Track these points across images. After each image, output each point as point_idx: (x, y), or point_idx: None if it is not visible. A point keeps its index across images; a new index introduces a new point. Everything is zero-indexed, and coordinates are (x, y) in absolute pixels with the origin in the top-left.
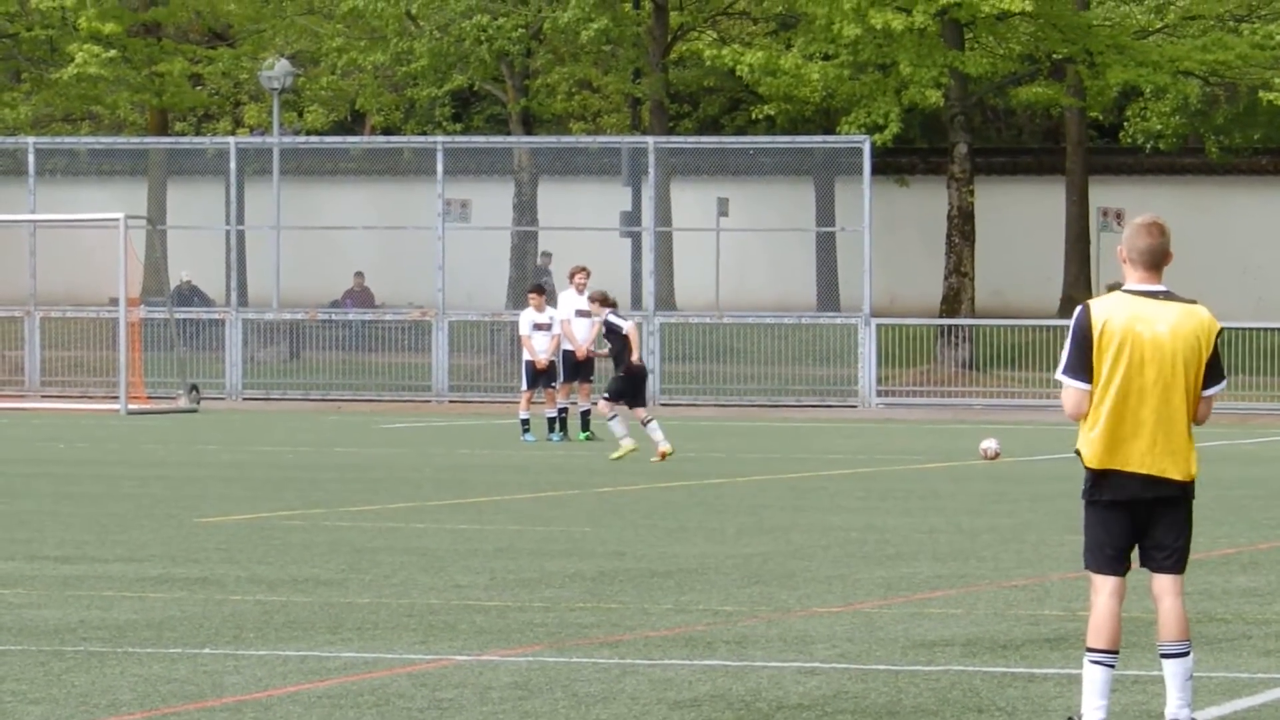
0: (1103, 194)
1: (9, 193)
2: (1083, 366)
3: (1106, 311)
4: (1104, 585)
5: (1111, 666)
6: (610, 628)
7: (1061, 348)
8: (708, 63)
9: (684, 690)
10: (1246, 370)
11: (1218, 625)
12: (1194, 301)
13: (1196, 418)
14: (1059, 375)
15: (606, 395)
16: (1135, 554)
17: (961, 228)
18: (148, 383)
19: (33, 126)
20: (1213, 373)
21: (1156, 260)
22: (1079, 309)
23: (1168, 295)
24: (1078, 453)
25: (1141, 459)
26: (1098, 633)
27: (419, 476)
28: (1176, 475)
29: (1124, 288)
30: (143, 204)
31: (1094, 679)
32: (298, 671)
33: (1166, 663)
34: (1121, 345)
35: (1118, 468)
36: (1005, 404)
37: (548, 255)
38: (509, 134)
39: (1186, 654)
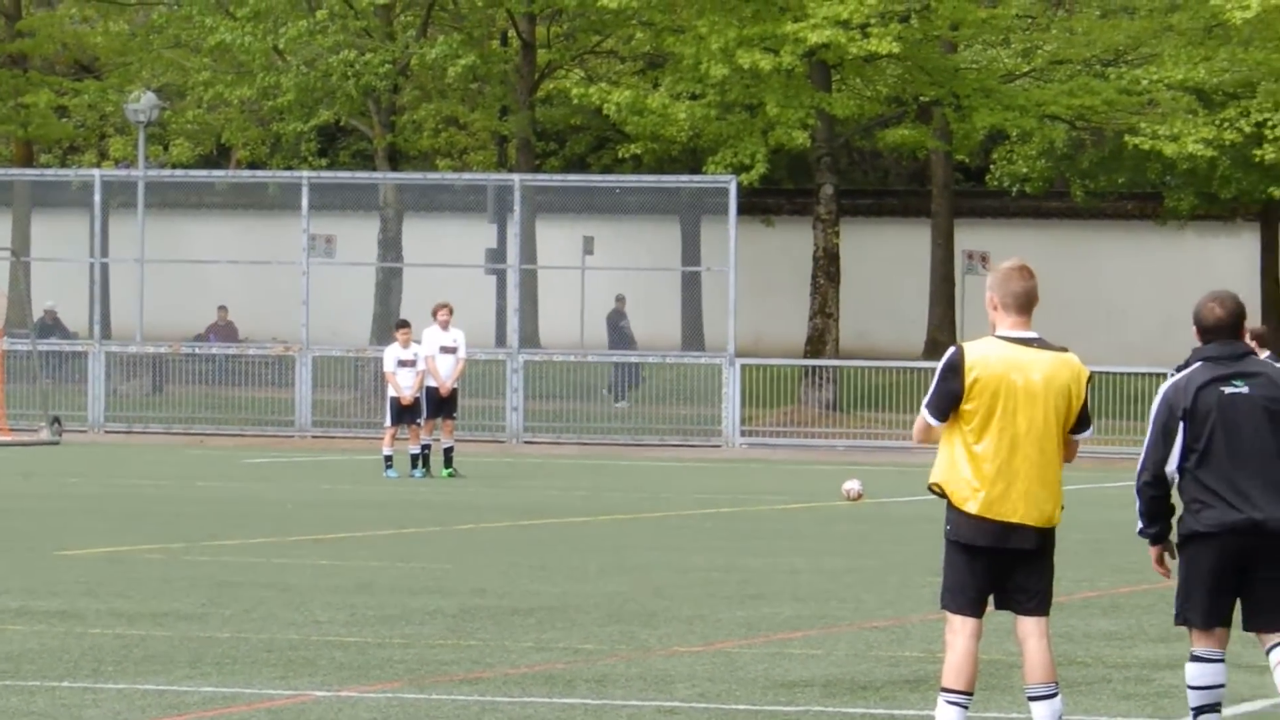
0: (968, 237)
1: None
2: (943, 407)
3: (980, 357)
4: (963, 627)
5: (966, 708)
6: (471, 665)
7: (926, 390)
8: (575, 101)
9: None
10: (1111, 414)
11: (1078, 668)
12: (1064, 349)
13: (1066, 457)
14: (923, 407)
15: None
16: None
17: (827, 269)
18: (9, 415)
19: None
20: (1082, 420)
21: (1029, 304)
22: (952, 350)
23: (1041, 343)
24: (932, 488)
25: (1014, 507)
26: (955, 673)
27: (281, 511)
28: (1045, 523)
29: (997, 334)
30: (7, 235)
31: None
32: (156, 705)
33: (1035, 705)
34: (996, 393)
35: (989, 515)
36: (869, 445)
37: (622, 299)
38: (375, 170)
39: (1054, 695)
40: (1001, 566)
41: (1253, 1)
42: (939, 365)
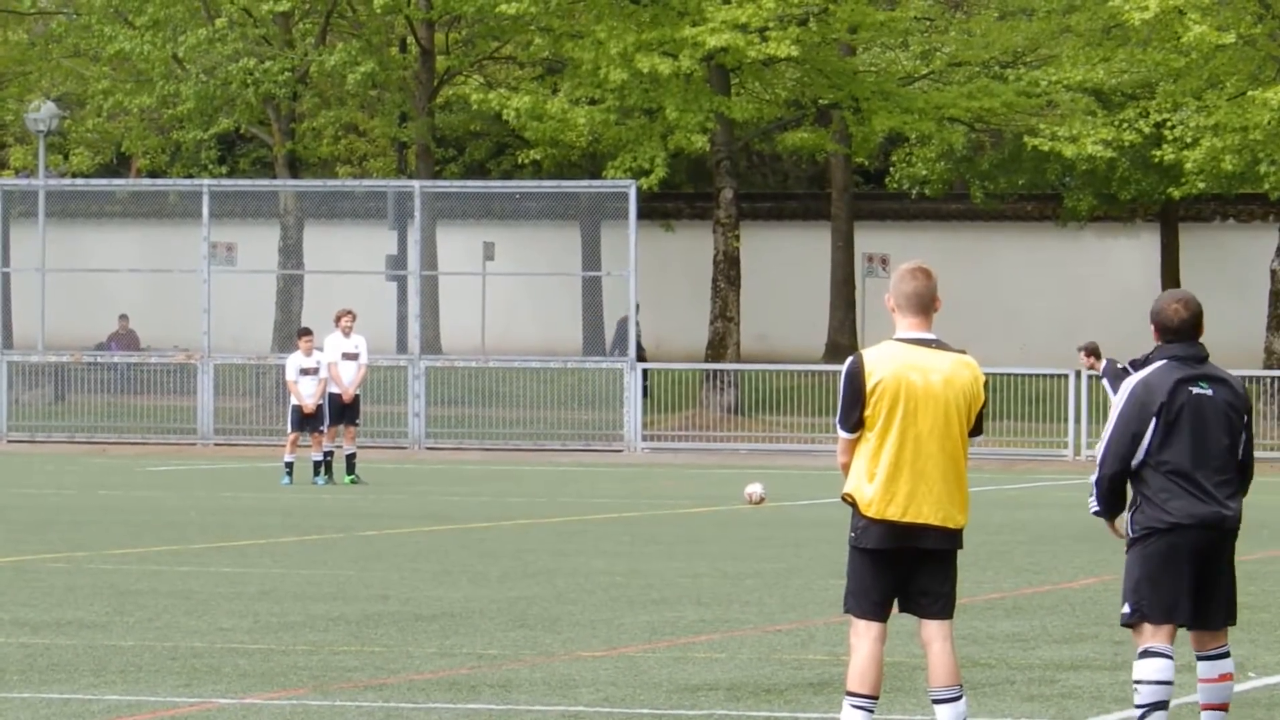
0: (868, 240)
1: None
2: (852, 419)
3: (878, 361)
4: (867, 630)
5: (870, 711)
6: (374, 671)
7: (828, 393)
8: (474, 107)
9: None
10: (1011, 416)
11: (982, 670)
12: (963, 351)
13: None
14: (836, 426)
15: None
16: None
17: (727, 273)
18: None
19: None
20: (977, 423)
21: (925, 305)
22: (850, 359)
23: (939, 344)
24: (844, 498)
25: (919, 508)
26: (859, 677)
27: (184, 519)
28: (950, 524)
29: (895, 336)
30: None
31: None
32: (60, 715)
33: (939, 708)
34: (896, 395)
35: (893, 517)
36: (770, 449)
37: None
38: (275, 177)
39: (959, 699)
40: (905, 570)
41: (1151, 2)
42: (841, 379)
